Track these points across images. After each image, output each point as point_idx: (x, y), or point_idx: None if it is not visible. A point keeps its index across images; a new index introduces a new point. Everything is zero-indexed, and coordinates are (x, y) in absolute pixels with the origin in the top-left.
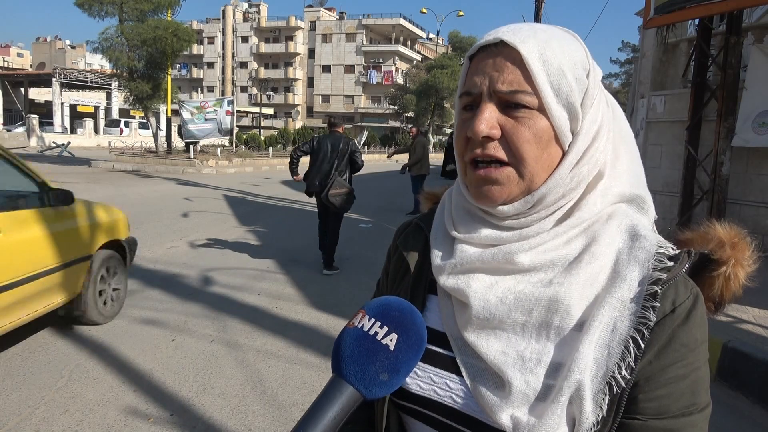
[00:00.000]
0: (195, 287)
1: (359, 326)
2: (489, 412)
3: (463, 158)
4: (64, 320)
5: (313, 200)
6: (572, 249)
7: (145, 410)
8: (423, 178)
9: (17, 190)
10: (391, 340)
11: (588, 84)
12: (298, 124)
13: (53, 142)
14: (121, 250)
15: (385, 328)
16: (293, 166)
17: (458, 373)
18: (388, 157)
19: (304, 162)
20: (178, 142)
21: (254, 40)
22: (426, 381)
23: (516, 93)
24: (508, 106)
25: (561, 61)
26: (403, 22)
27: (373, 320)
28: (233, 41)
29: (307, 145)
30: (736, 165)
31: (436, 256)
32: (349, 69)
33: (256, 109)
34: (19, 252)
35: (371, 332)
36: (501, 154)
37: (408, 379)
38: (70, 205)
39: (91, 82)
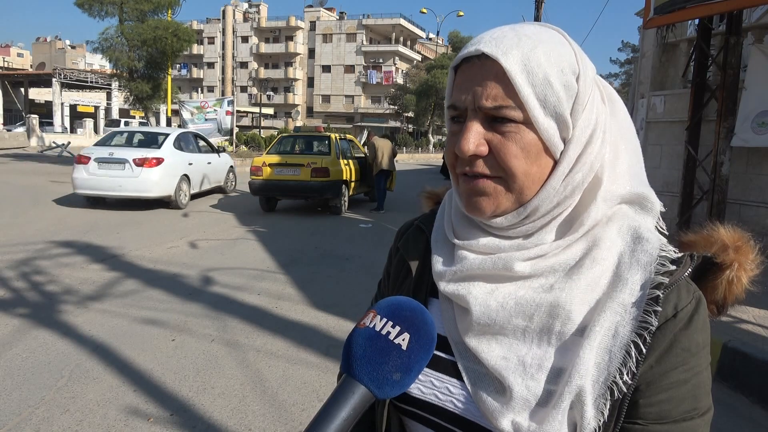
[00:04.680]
0: (195, 287)
1: (371, 326)
2: (490, 417)
3: (454, 170)
4: None
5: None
6: (573, 253)
7: (145, 410)
8: (380, 174)
9: (357, 155)
10: (403, 340)
11: (578, 88)
12: (298, 124)
13: (53, 142)
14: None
15: (398, 328)
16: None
17: (459, 378)
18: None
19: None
20: None
21: (254, 40)
22: (427, 385)
23: (501, 108)
24: (494, 120)
25: (547, 71)
26: (403, 22)
27: (384, 320)
28: (233, 41)
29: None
30: (735, 165)
31: (437, 261)
32: (349, 69)
33: (256, 109)
34: (351, 170)
35: (383, 332)
36: (489, 170)
37: None
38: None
39: (91, 82)
